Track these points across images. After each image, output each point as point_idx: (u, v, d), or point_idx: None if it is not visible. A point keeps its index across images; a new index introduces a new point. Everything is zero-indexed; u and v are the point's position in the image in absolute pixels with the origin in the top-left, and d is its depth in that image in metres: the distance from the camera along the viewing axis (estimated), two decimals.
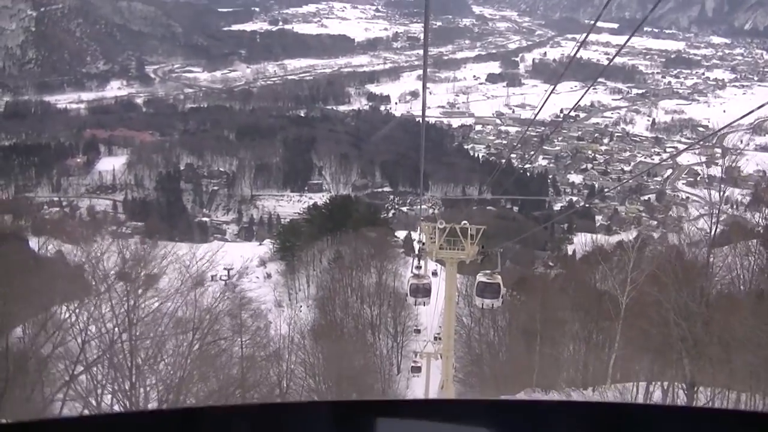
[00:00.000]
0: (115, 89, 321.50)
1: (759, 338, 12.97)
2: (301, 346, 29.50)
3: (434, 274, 32.85)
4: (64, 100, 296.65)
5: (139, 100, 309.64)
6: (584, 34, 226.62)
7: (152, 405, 13.74)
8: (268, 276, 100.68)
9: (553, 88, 12.06)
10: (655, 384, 20.10)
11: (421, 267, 27.80)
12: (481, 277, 25.86)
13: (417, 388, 60.40)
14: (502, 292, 26.18)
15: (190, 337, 14.93)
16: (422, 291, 27.62)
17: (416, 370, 54.18)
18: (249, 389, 17.01)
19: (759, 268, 17.83)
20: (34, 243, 56.07)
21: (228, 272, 78.66)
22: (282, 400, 20.61)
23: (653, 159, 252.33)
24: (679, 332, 15.65)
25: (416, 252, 29.96)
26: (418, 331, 61.96)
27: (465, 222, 26.44)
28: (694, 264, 19.63)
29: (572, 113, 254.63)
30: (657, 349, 18.01)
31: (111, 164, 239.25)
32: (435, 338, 50.76)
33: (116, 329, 12.67)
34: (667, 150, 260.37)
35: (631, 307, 21.91)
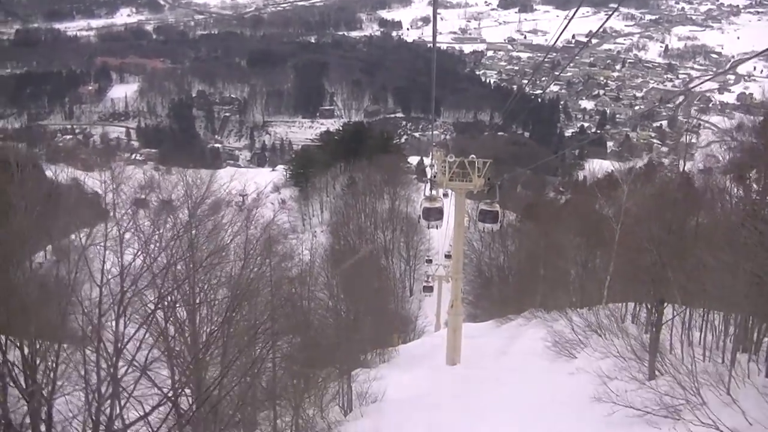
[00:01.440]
0: (125, 16, 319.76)
1: (724, 265, 14.89)
2: (320, 270, 31.36)
3: (446, 195, 34.57)
4: (73, 27, 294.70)
5: (149, 27, 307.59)
6: None
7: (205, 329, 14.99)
8: (283, 202, 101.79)
9: (572, 17, 13.07)
10: (640, 304, 22.05)
11: (432, 193, 29.87)
12: (482, 206, 30.06)
13: (428, 309, 62.69)
14: (499, 218, 30.81)
15: (224, 262, 16.28)
16: (434, 214, 29.93)
17: (428, 289, 56.64)
18: (276, 308, 18.77)
19: (738, 199, 19.44)
20: (50, 170, 57.08)
21: (243, 198, 79.63)
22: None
23: (665, 85, 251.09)
24: (650, 258, 17.70)
25: (428, 180, 32.09)
26: (429, 261, 63.78)
27: (473, 156, 28.33)
28: (669, 193, 21.43)
29: (584, 39, 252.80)
30: (637, 274, 20.15)
31: (123, 92, 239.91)
32: (446, 256, 52.69)
33: (140, 254, 13.57)
34: (680, 76, 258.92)
35: (623, 235, 23.70)
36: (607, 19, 21.56)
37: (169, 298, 13.49)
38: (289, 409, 20.10)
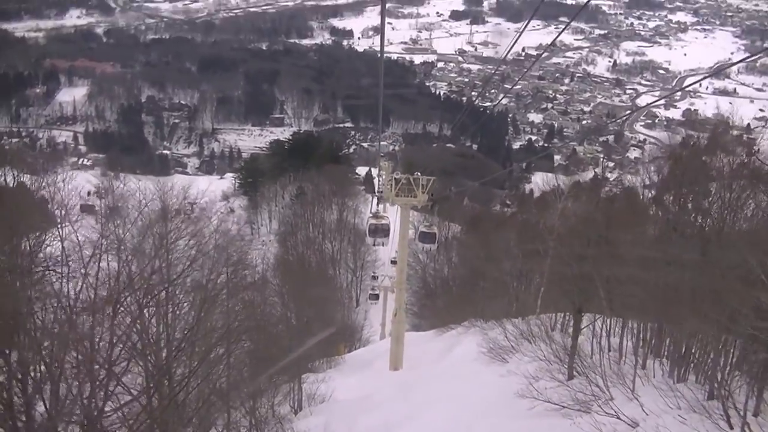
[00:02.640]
0: (75, 18, 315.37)
1: (633, 279, 17.05)
2: (272, 279, 32.90)
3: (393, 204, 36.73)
4: (21, 28, 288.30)
5: (99, 30, 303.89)
6: None
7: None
8: (231, 211, 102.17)
9: (523, 30, 14.34)
10: (567, 314, 24.02)
11: (379, 211, 31.81)
12: (422, 228, 33.44)
13: (374, 319, 64.27)
14: (437, 238, 34.98)
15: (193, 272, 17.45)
16: (381, 231, 31.90)
17: (374, 297, 58.44)
18: (236, 314, 20.20)
19: (655, 219, 21.48)
20: None
21: (192, 207, 79.88)
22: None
23: (613, 100, 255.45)
24: (570, 271, 19.82)
25: (374, 195, 34.12)
26: (375, 278, 65.25)
27: (417, 173, 30.24)
28: (589, 213, 23.50)
29: (534, 52, 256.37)
30: (561, 285, 22.29)
31: (71, 95, 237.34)
32: (392, 262, 54.33)
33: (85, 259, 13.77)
34: (627, 91, 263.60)
35: (554, 249, 25.60)
36: (559, 35, 23.27)
37: (149, 305, 14.85)
38: (242, 410, 21.57)
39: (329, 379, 29.58)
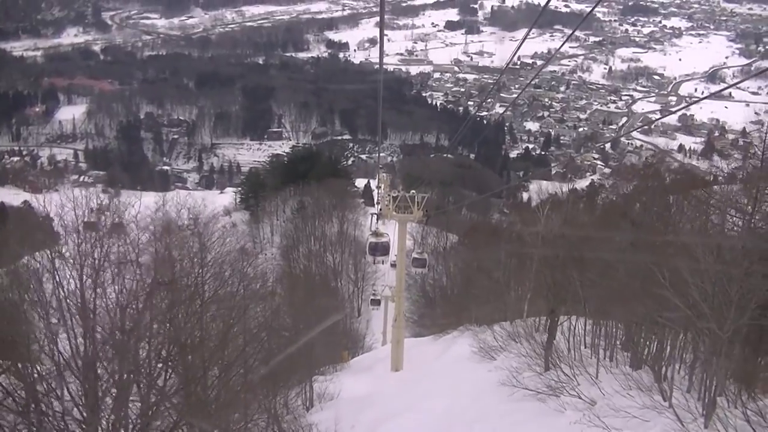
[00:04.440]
0: (72, 36, 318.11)
1: (594, 284, 20.16)
2: (274, 291, 35.38)
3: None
4: (19, 47, 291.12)
5: (96, 48, 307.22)
6: None
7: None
8: (234, 225, 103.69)
9: (522, 42, 15.95)
10: (548, 318, 26.79)
11: (378, 229, 34.51)
12: (414, 255, 38.46)
13: (376, 327, 66.71)
14: (427, 263, 39.60)
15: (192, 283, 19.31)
16: (381, 249, 34.60)
17: (375, 303, 60.71)
18: (248, 323, 22.59)
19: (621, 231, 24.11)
20: None
21: (194, 222, 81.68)
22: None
23: (609, 107, 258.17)
24: (544, 278, 22.89)
25: (372, 215, 36.93)
26: (376, 300, 66.69)
27: (413, 191, 32.88)
28: (557, 228, 26.34)
29: (529, 60, 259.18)
30: (540, 291, 25.26)
31: (71, 113, 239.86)
32: (392, 265, 56.57)
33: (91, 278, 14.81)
34: (623, 98, 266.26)
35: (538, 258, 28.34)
36: (562, 45, 25.51)
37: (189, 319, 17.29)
38: (260, 407, 24.16)
39: (336, 380, 32.42)
